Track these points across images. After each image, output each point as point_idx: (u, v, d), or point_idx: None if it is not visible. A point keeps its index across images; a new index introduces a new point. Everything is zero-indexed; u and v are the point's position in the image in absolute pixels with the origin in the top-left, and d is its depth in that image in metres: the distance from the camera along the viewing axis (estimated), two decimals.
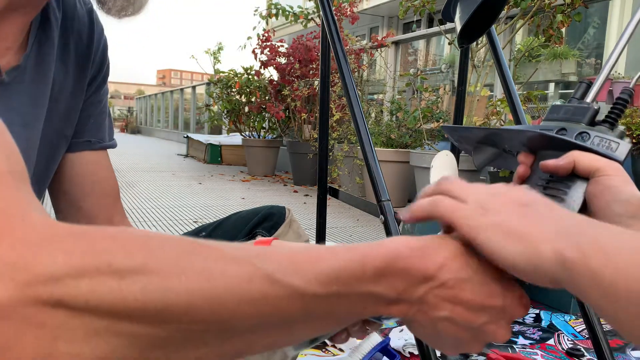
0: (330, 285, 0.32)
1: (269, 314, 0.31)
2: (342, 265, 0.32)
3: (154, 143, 11.70)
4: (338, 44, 1.15)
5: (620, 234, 0.33)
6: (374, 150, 1.07)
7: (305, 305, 0.31)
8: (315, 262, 0.32)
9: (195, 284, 0.28)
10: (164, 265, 0.28)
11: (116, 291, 0.26)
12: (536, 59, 4.51)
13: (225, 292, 0.29)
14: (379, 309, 0.34)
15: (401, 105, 4.36)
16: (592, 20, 5.15)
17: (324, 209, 1.55)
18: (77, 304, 0.26)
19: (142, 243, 0.29)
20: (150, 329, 0.28)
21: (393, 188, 3.72)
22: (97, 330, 0.26)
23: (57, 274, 0.26)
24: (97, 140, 0.77)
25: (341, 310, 0.33)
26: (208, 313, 0.29)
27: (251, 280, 0.30)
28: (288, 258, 0.32)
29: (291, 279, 0.31)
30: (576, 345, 1.56)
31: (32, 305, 0.25)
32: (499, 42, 1.24)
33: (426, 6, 3.45)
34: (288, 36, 8.54)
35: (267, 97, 5.62)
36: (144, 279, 0.27)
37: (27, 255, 0.26)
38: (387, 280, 0.33)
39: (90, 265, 0.26)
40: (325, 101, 1.49)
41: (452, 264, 0.35)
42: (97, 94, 0.77)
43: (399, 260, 0.33)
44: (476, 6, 0.82)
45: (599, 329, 0.98)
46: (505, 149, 0.59)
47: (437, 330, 0.36)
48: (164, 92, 14.85)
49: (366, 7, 8.47)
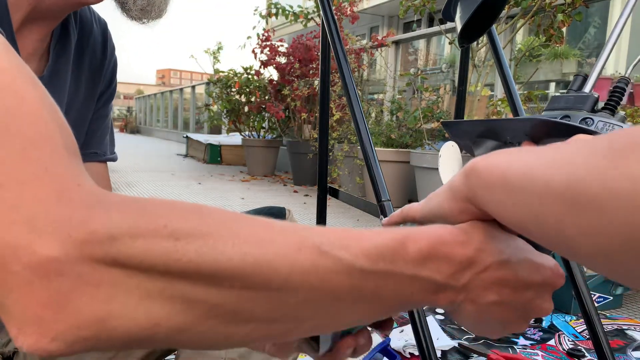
0: (376, 261, 0.31)
1: (317, 287, 0.30)
2: (385, 243, 0.32)
3: (153, 143, 11.70)
4: (338, 44, 1.15)
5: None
6: (374, 150, 1.06)
7: (352, 281, 0.31)
8: (360, 239, 0.32)
9: (246, 248, 0.28)
10: (216, 229, 0.28)
11: (171, 252, 0.27)
12: (537, 58, 4.50)
13: (276, 259, 0.29)
14: (427, 296, 0.34)
15: (401, 105, 4.36)
16: (593, 20, 5.14)
17: (324, 209, 1.55)
18: (132, 263, 0.26)
19: (195, 209, 0.29)
20: (203, 293, 0.28)
21: (393, 188, 3.72)
22: (152, 292, 0.26)
23: (114, 232, 0.26)
24: (102, 153, 0.80)
25: (388, 292, 0.32)
26: (260, 279, 0.28)
27: (300, 250, 0.30)
28: (333, 232, 0.32)
29: (339, 252, 0.30)
30: (577, 346, 1.55)
31: (88, 262, 0.25)
32: (500, 41, 1.24)
33: (426, 6, 3.45)
34: (288, 36, 8.54)
35: (267, 97, 5.62)
36: (198, 241, 0.27)
37: (84, 213, 0.26)
38: (432, 264, 0.33)
39: (146, 225, 0.27)
40: (325, 101, 1.49)
41: (491, 247, 0.34)
42: (104, 109, 0.80)
43: (442, 244, 0.33)
44: (476, 6, 0.81)
45: (599, 329, 0.98)
46: (507, 140, 0.59)
47: (484, 316, 0.36)
48: (163, 92, 14.85)
49: (366, 7, 8.47)
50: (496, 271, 0.34)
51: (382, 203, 1.01)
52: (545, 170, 0.28)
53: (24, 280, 0.24)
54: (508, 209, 0.31)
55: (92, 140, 0.79)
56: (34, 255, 0.24)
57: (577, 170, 0.26)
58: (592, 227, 0.25)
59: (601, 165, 0.25)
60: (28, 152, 0.27)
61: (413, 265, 0.32)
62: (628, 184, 0.23)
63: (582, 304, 0.99)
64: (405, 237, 0.33)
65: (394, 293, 0.33)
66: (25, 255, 0.24)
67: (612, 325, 1.74)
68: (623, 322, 1.78)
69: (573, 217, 0.26)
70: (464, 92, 1.65)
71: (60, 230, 0.25)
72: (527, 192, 0.29)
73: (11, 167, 0.26)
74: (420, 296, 0.34)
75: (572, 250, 0.27)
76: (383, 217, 1.00)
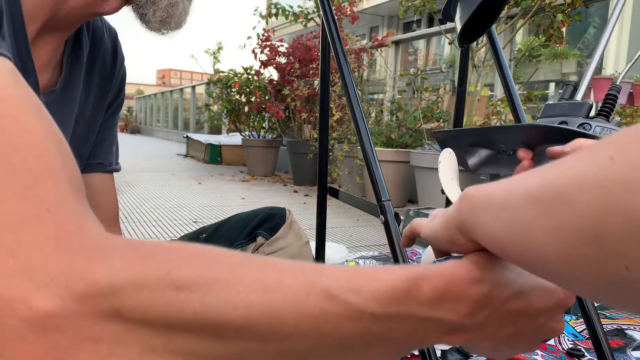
0: (389, 305, 0.30)
1: (327, 334, 0.29)
2: (397, 284, 0.31)
3: (153, 143, 11.70)
4: (338, 44, 1.15)
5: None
6: (374, 150, 1.06)
7: (364, 326, 0.29)
8: (371, 280, 0.30)
9: (253, 296, 0.27)
10: (221, 276, 0.27)
11: (175, 303, 0.25)
12: (536, 58, 4.50)
13: (284, 306, 0.27)
14: (442, 336, 0.33)
15: (401, 105, 4.36)
16: (593, 20, 5.14)
17: (324, 209, 1.54)
18: (135, 315, 0.24)
19: (199, 254, 0.28)
20: (208, 346, 0.26)
21: (393, 188, 3.72)
22: (154, 347, 0.25)
23: (116, 282, 0.24)
24: (107, 164, 0.80)
25: (401, 335, 0.31)
26: (267, 329, 0.27)
27: (309, 295, 0.28)
28: (344, 274, 0.30)
29: (349, 296, 0.29)
30: (576, 346, 1.55)
31: (88, 316, 0.24)
32: (499, 41, 1.24)
33: (426, 6, 3.45)
34: (288, 36, 8.54)
35: (267, 97, 5.62)
36: (202, 289, 0.26)
37: (83, 262, 0.24)
38: (448, 304, 0.32)
39: (150, 274, 0.25)
40: (325, 101, 1.49)
41: (505, 279, 0.34)
42: (112, 119, 0.80)
43: (457, 283, 0.32)
44: (476, 6, 0.81)
45: (599, 329, 0.98)
46: (501, 149, 0.59)
47: (497, 346, 0.35)
48: (163, 92, 14.85)
49: (366, 7, 8.46)
50: (511, 304, 0.34)
51: (382, 203, 1.01)
52: (523, 180, 0.28)
53: (20, 335, 0.23)
54: (490, 228, 0.30)
55: (99, 151, 0.78)
56: (30, 309, 0.23)
57: (550, 173, 0.26)
58: (559, 221, 0.25)
59: (572, 161, 0.25)
60: (30, 191, 0.26)
61: (428, 306, 0.31)
62: (592, 170, 0.23)
63: (581, 303, 1.00)
64: (418, 277, 0.31)
65: (407, 335, 0.31)
66: (21, 309, 0.23)
67: (612, 325, 1.74)
68: (623, 321, 1.78)
69: (543, 218, 0.26)
70: (464, 92, 1.65)
71: (59, 282, 0.23)
72: (506, 204, 0.29)
73: (11, 207, 0.25)
74: (435, 337, 0.33)
75: (540, 257, 0.27)
76: (383, 217, 1.00)
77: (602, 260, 0.23)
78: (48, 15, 0.58)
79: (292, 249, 0.87)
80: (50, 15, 0.58)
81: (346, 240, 2.80)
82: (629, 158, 0.22)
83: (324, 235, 1.56)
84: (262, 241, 0.86)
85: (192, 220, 3.09)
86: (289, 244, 0.87)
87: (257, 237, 0.86)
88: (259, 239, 0.86)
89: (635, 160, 0.22)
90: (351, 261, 2.26)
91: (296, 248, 0.87)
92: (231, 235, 0.86)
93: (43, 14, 0.57)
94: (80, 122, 0.71)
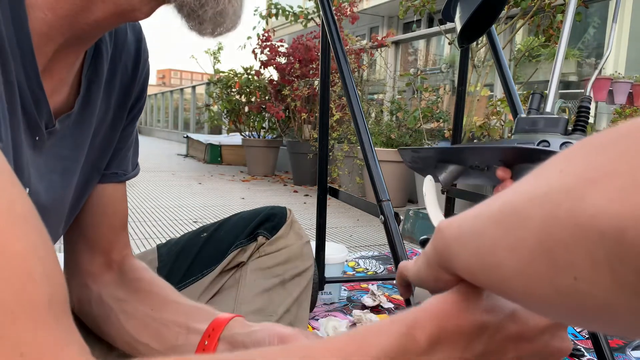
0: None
1: None
2: (391, 343, 0.30)
3: (153, 143, 11.69)
4: (338, 44, 1.15)
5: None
6: (374, 150, 1.07)
7: None
8: (365, 346, 0.30)
9: None
10: None
11: None
12: (536, 58, 4.50)
13: None
14: None
15: (401, 105, 4.36)
16: (592, 20, 5.14)
17: (324, 209, 1.55)
18: None
19: None
20: None
21: (393, 188, 3.72)
22: None
23: None
24: (122, 172, 0.74)
25: None
26: None
27: None
28: (337, 344, 0.30)
29: None
30: (576, 345, 1.56)
31: None
32: (499, 42, 1.24)
33: (426, 6, 3.45)
34: (288, 36, 8.54)
35: (267, 97, 5.62)
36: None
37: None
38: (445, 344, 0.31)
39: None
40: (325, 101, 1.50)
41: (495, 303, 0.33)
42: (131, 126, 0.73)
43: (449, 319, 0.31)
44: (476, 6, 0.82)
45: None
46: (473, 165, 0.58)
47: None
48: (163, 92, 14.85)
49: (366, 7, 8.47)
50: (508, 328, 0.33)
51: (382, 203, 1.01)
52: (487, 204, 0.28)
53: None
54: (462, 257, 0.30)
55: (114, 161, 0.72)
56: None
57: (508, 193, 0.27)
58: (517, 240, 0.25)
59: (528, 178, 0.26)
60: (4, 331, 0.24)
61: (427, 354, 0.31)
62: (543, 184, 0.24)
63: None
64: (411, 328, 0.31)
65: None
66: None
67: None
68: None
69: (504, 238, 0.26)
70: (464, 92, 1.66)
71: None
72: (473, 231, 0.29)
73: None
74: None
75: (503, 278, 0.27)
76: (383, 216, 1.01)
77: (553, 273, 0.23)
78: (66, 34, 0.51)
79: (293, 249, 0.87)
80: (69, 34, 0.51)
81: (346, 240, 2.80)
82: (574, 168, 0.23)
83: (324, 235, 1.56)
84: (263, 240, 0.86)
85: (192, 220, 3.09)
86: (290, 244, 0.87)
87: (258, 237, 0.86)
88: (259, 239, 0.86)
89: (579, 170, 0.22)
90: (351, 261, 2.26)
91: (297, 248, 0.87)
92: (232, 235, 0.86)
93: (60, 34, 0.50)
94: (99, 135, 0.66)
